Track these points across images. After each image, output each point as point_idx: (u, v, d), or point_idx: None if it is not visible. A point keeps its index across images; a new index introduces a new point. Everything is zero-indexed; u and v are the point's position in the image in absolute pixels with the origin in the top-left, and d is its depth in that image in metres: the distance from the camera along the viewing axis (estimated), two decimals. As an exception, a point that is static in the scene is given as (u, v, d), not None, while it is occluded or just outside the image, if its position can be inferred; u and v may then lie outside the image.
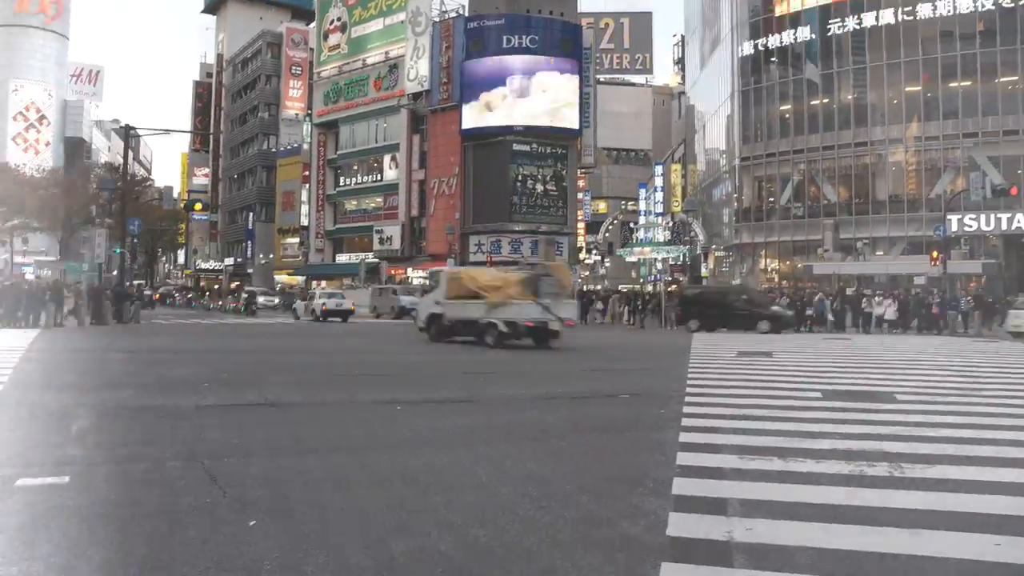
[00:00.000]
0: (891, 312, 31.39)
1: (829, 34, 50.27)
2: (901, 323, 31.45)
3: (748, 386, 12.42)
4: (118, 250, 40.91)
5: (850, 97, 50.20)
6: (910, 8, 46.58)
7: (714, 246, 61.77)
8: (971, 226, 43.63)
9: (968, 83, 45.85)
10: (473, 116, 54.15)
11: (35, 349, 18.14)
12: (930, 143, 46.74)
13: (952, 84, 46.30)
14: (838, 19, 49.79)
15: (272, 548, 4.62)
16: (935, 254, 36.85)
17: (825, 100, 51.17)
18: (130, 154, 45.15)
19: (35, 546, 4.60)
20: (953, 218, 41.60)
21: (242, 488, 5.92)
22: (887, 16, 47.49)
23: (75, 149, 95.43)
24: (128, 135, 39.86)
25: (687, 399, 10.72)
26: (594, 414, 10.23)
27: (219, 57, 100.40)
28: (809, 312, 32.82)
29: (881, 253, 48.09)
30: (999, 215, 43.14)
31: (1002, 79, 45.00)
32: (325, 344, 23.33)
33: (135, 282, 63.20)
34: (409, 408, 10.42)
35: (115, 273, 44.52)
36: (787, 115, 53.06)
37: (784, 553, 4.65)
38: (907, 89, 47.86)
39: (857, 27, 48.99)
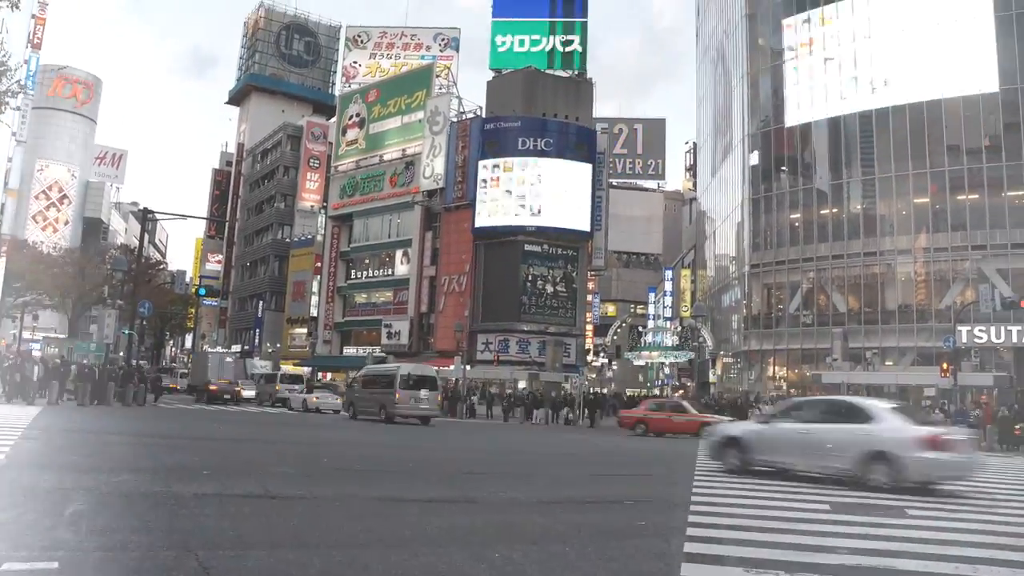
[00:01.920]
0: None
1: (838, 146, 51.22)
2: None
3: (755, 494, 12.19)
4: (127, 331, 41.09)
5: (859, 207, 50.81)
6: (917, 123, 47.50)
7: (722, 352, 61.63)
8: (981, 338, 43.49)
9: (975, 196, 46.41)
10: (486, 215, 54.87)
11: (36, 427, 18.01)
12: (939, 254, 47.03)
13: (960, 197, 46.87)
14: (845, 132, 50.80)
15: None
16: (945, 365, 36.71)
17: (835, 210, 51.79)
18: (146, 237, 45.71)
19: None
20: (963, 329, 41.59)
21: (235, 582, 5.77)
22: (894, 131, 48.38)
23: (93, 229, 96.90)
24: (145, 218, 40.50)
25: (692, 508, 10.52)
26: (598, 520, 10.03)
27: (239, 146, 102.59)
28: None
29: (891, 363, 47.87)
30: (1009, 327, 43.04)
31: (1009, 193, 45.55)
32: (325, 435, 23.11)
33: (141, 362, 63.21)
34: (409, 506, 10.24)
35: (121, 354, 44.55)
36: (796, 223, 53.62)
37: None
38: (916, 201, 48.45)
39: (864, 140, 49.93)
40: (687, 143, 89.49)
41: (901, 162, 48.50)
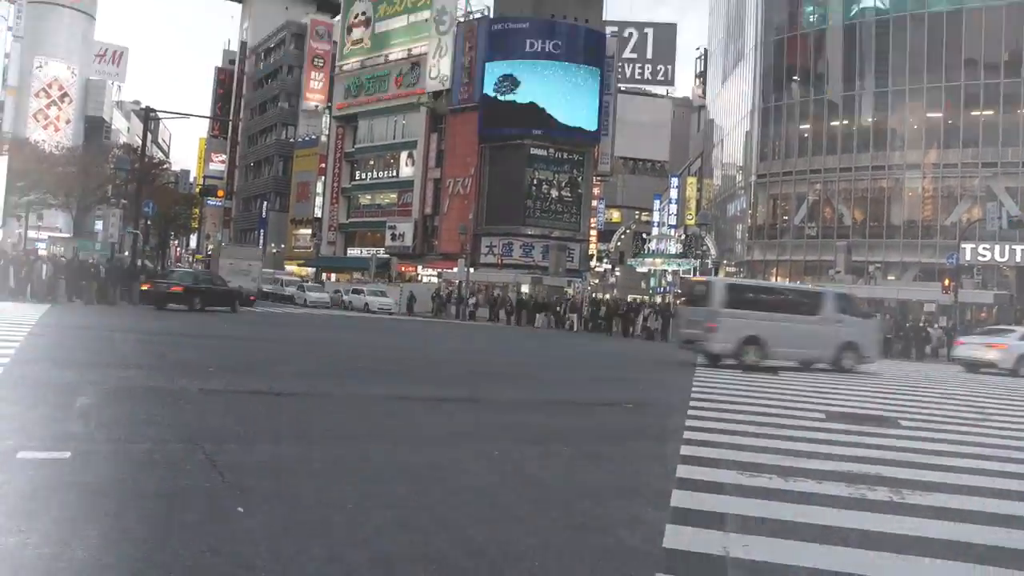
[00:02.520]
0: None
1: (854, 54, 50.18)
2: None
3: (751, 403, 12.38)
4: (131, 231, 41.12)
5: (870, 120, 50.03)
6: (936, 34, 46.41)
7: (726, 261, 61.63)
8: (985, 256, 43.43)
9: (990, 112, 45.62)
10: (492, 118, 54.21)
11: (43, 324, 18.20)
12: (948, 170, 46.53)
13: (974, 113, 46.08)
14: (863, 40, 49.68)
15: (268, 536, 4.62)
16: (947, 281, 36.74)
17: (845, 122, 51.05)
18: (149, 136, 45.36)
19: (34, 518, 4.61)
20: (967, 247, 41.46)
21: (241, 474, 5.93)
22: (912, 41, 47.29)
23: (95, 129, 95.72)
24: (148, 117, 40.11)
25: (689, 412, 10.70)
26: (596, 422, 10.22)
27: (243, 45, 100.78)
28: None
29: (893, 278, 47.90)
30: (1014, 246, 42.93)
31: (1024, 110, 44.82)
32: (325, 334, 23.35)
33: (145, 262, 63.44)
34: (413, 404, 10.43)
35: (126, 253, 44.69)
36: (806, 135, 52.96)
37: (780, 571, 4.63)
38: (928, 115, 47.68)
39: (880, 50, 48.86)
40: (698, 49, 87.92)
41: (916, 75, 47.51)
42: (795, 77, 53.67)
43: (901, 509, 6.16)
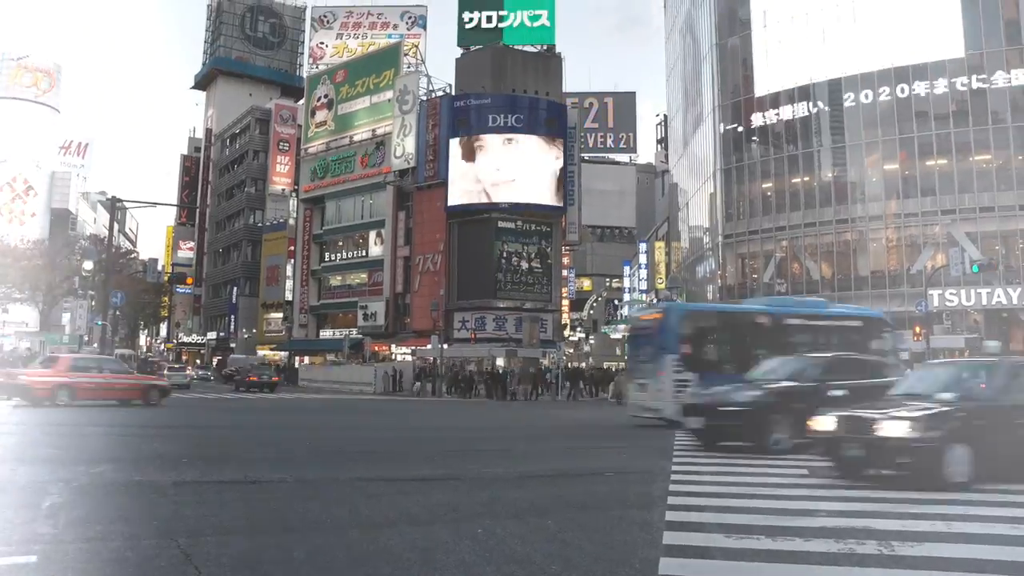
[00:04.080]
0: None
1: (807, 114, 51.44)
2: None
3: (734, 464, 12.30)
4: (100, 322, 40.68)
5: (830, 175, 51.11)
6: (886, 90, 47.79)
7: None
8: (952, 301, 44.10)
9: (944, 161, 46.79)
10: (458, 193, 54.67)
11: (10, 423, 17.82)
12: (909, 219, 47.48)
13: (929, 162, 47.26)
14: (815, 100, 51.02)
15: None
16: (918, 329, 37.13)
17: (806, 178, 52.09)
18: (115, 226, 45.21)
19: (-1, 629, 4.42)
20: (934, 292, 42.10)
21: (219, 568, 5.75)
22: (863, 98, 48.67)
23: (61, 220, 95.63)
24: (114, 207, 39.98)
25: (672, 477, 10.60)
26: (579, 492, 10.08)
27: (208, 132, 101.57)
28: None
29: (864, 329, 48.26)
30: (979, 290, 43.69)
31: (976, 157, 45.97)
32: (300, 419, 23.07)
33: (123, 351, 62.70)
34: (390, 485, 10.25)
35: (95, 346, 44.13)
36: (769, 193, 53.88)
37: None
38: (886, 167, 48.81)
39: (833, 108, 50.21)
40: (658, 115, 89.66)
41: (870, 129, 48.82)
42: (754, 137, 54.79)
43: (891, 562, 6.10)
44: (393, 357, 56.83)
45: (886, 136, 48.17)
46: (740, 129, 55.29)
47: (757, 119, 54.10)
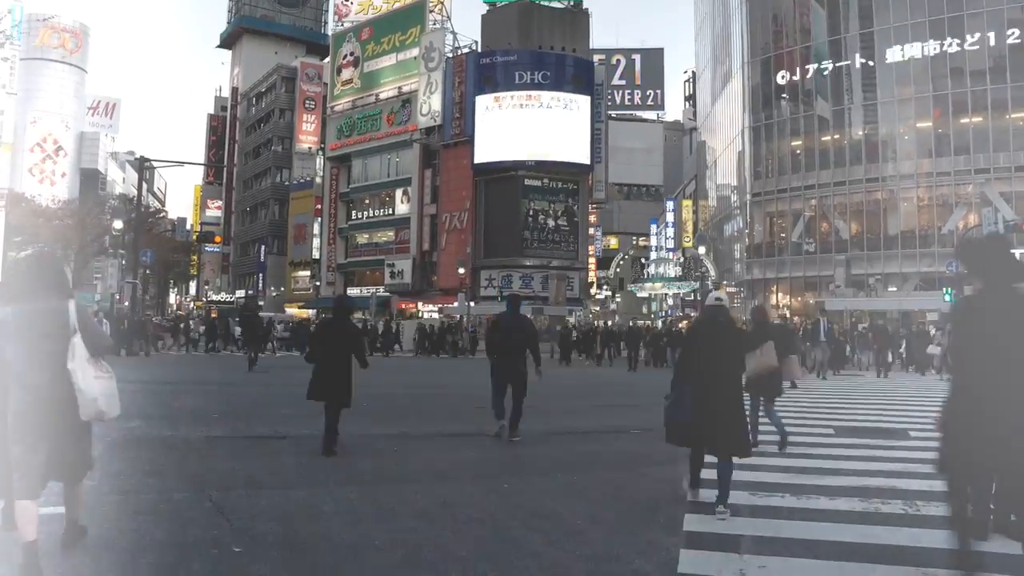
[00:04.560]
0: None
1: (839, 70, 50.57)
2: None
3: (759, 422, 12.31)
4: (130, 281, 41.15)
5: (861, 133, 50.31)
6: (919, 45, 46.85)
7: (725, 281, 61.69)
8: (984, 262, 43.46)
9: (979, 119, 45.89)
10: (485, 151, 54.43)
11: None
12: (942, 179, 46.74)
13: (963, 120, 46.36)
14: (848, 56, 50.13)
15: (278, 581, 4.57)
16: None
17: (836, 136, 51.31)
18: (144, 186, 45.53)
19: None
20: (966, 254, 41.48)
21: (249, 520, 5.87)
22: (896, 54, 47.75)
23: (90, 180, 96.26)
24: (143, 167, 40.23)
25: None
26: (606, 449, 10.14)
27: (234, 91, 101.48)
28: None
29: (894, 289, 47.90)
30: (1012, 251, 43.00)
31: (1013, 115, 45.02)
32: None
33: (147, 313, 63.50)
34: (418, 442, 10.37)
35: (126, 304, 44.68)
36: (798, 151, 53.20)
37: (798, 592, 4.57)
38: (918, 125, 47.97)
39: (868, 63, 49.31)
40: (686, 72, 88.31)
41: (904, 86, 47.92)
42: (783, 94, 54.02)
43: (916, 521, 6.10)
44: (421, 315, 57.08)
45: (920, 93, 47.29)
46: (770, 85, 54.49)
47: (787, 75, 53.27)
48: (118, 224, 46.42)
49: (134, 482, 7.25)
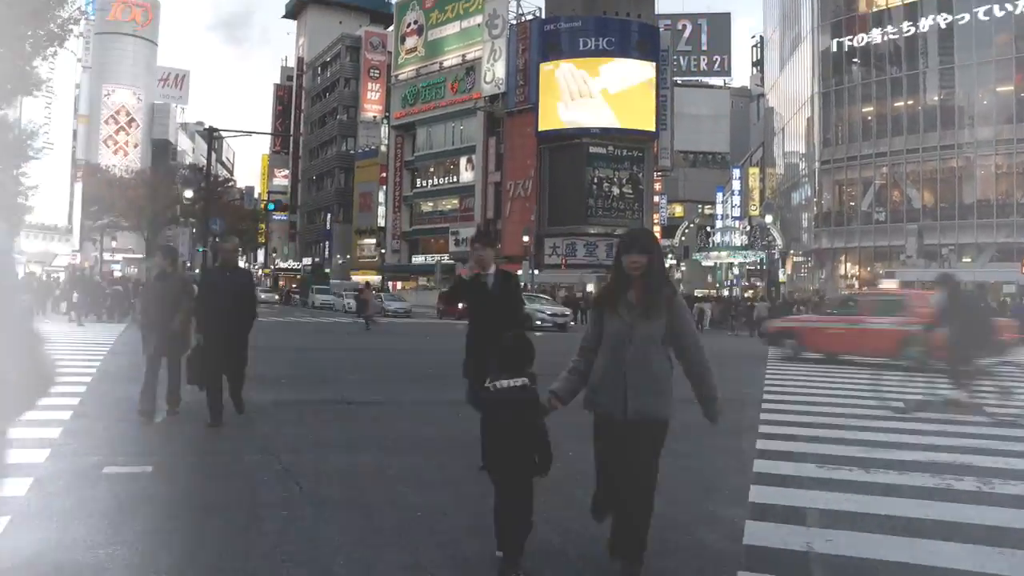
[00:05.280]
0: None
1: (915, 33, 48.91)
2: None
3: (828, 394, 12.13)
4: (201, 248, 42.07)
5: (936, 98, 48.66)
6: (1000, 3, 45.03)
7: (792, 251, 60.57)
8: (1065, 232, 41.99)
9: (1064, 83, 44.07)
10: (549, 118, 54.12)
11: (121, 343, 18.68)
12: (1022, 146, 45.05)
13: (1047, 84, 44.58)
14: (925, 15, 48.40)
15: (346, 544, 4.66)
16: (1027, 261, 35.60)
17: (910, 102, 49.73)
18: (213, 156, 46.35)
19: (120, 531, 4.72)
20: (1047, 224, 40.15)
21: (318, 483, 6.00)
22: (977, 13, 45.97)
23: (161, 151, 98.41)
24: (212, 137, 40.94)
25: (764, 406, 10.52)
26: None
27: (299, 60, 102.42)
28: None
29: (968, 260, 46.51)
30: (1095, 222, 41.42)
31: (1101, 79, 43.16)
32: (398, 342, 23.53)
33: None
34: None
35: (197, 271, 45.72)
36: (869, 117, 51.76)
37: (865, 567, 4.51)
38: (998, 89, 46.22)
39: (944, 25, 47.57)
40: (753, 37, 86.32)
41: (983, 48, 46.15)
42: (855, 59, 52.51)
43: (990, 499, 5.96)
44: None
45: (1000, 56, 45.50)
46: (842, 48, 52.97)
47: (859, 39, 51.73)
48: (188, 193, 47.43)
49: (207, 446, 7.47)
